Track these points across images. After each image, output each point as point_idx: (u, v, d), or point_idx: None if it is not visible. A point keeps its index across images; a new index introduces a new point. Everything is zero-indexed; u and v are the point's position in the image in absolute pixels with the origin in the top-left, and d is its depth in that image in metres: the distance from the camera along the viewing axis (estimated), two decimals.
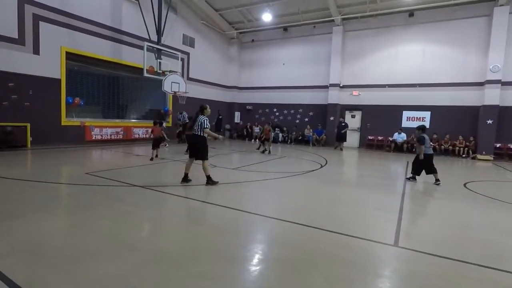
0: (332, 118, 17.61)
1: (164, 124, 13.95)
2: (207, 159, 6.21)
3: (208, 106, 6.47)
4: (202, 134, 6.16)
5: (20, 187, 5.57)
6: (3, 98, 10.18)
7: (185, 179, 6.36)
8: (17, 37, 10.36)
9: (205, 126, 6.17)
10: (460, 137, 14.61)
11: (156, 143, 9.72)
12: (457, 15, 14.93)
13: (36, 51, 10.90)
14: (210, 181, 6.21)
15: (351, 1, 16.00)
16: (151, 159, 9.34)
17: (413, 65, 16.00)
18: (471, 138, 14.35)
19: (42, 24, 10.98)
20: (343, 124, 16.48)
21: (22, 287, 2.39)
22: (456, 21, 15.01)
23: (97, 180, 6.31)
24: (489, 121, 13.93)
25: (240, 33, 20.90)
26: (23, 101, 10.66)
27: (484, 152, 13.89)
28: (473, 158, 13.99)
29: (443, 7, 14.96)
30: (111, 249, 3.15)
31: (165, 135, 10.33)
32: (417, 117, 16.10)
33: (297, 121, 19.36)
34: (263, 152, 12.74)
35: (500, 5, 13.68)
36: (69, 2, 11.78)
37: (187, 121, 15.60)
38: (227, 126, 21.18)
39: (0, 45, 9.96)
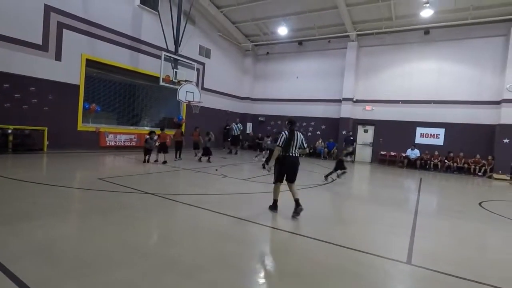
0: (344, 132, 17.52)
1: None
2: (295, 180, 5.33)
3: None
4: (298, 155, 5.30)
5: (35, 190, 5.69)
6: (24, 102, 10.51)
7: (275, 206, 5.32)
8: (41, 43, 10.76)
9: (307, 145, 5.47)
10: (478, 156, 14.30)
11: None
12: (473, 34, 14.85)
13: (58, 57, 11.29)
14: (299, 207, 5.03)
15: (367, 17, 16.10)
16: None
17: (428, 82, 15.89)
18: (490, 157, 14.01)
19: (65, 32, 11.40)
20: (351, 138, 16.54)
21: None
22: (472, 40, 14.92)
23: (110, 186, 6.40)
24: (506, 140, 13.62)
25: (256, 45, 21.19)
26: (42, 106, 10.99)
27: (500, 172, 13.54)
28: (489, 177, 13.64)
29: (459, 26, 14.91)
30: (121, 255, 3.17)
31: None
32: (431, 134, 15.89)
33: (309, 134, 19.31)
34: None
35: None
36: (92, 11, 12.23)
37: (235, 133, 16.85)
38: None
39: (25, 50, 10.37)
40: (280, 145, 5.12)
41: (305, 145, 5.35)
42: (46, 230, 3.68)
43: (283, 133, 5.21)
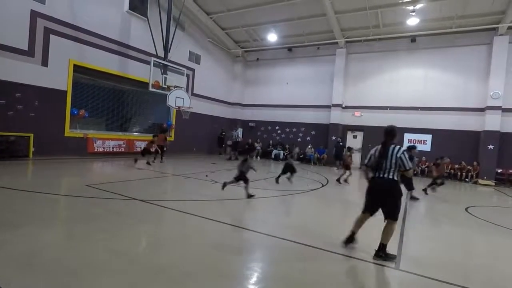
0: (334, 138, 17.69)
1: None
2: (397, 219, 3.92)
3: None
4: (397, 178, 3.93)
5: (19, 197, 5.55)
6: (9, 108, 10.28)
7: (351, 239, 4.19)
8: (27, 49, 10.58)
9: (409, 167, 3.91)
10: (463, 163, 14.60)
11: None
12: (458, 42, 15.27)
13: (44, 63, 11.12)
14: (383, 253, 3.78)
15: (355, 25, 16.39)
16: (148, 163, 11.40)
17: (415, 89, 16.22)
18: (475, 163, 14.32)
19: (52, 37, 11.24)
20: (340, 144, 16.77)
21: None
22: (458, 48, 15.34)
23: (98, 192, 6.30)
24: (490, 147, 13.97)
25: (246, 51, 21.31)
26: (28, 112, 10.76)
27: (485, 177, 13.84)
28: (475, 182, 13.92)
29: (444, 34, 15.31)
30: (109, 263, 3.12)
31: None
32: (418, 140, 16.15)
33: (299, 139, 19.43)
34: (345, 181, 10.78)
35: (500, 35, 14.03)
36: (80, 17, 12.10)
37: (239, 139, 18.05)
38: (229, 142, 21.16)
39: (10, 56, 10.17)
40: (366, 163, 4.19)
41: (407, 166, 3.87)
42: (30, 238, 3.59)
43: (376, 147, 4.22)
